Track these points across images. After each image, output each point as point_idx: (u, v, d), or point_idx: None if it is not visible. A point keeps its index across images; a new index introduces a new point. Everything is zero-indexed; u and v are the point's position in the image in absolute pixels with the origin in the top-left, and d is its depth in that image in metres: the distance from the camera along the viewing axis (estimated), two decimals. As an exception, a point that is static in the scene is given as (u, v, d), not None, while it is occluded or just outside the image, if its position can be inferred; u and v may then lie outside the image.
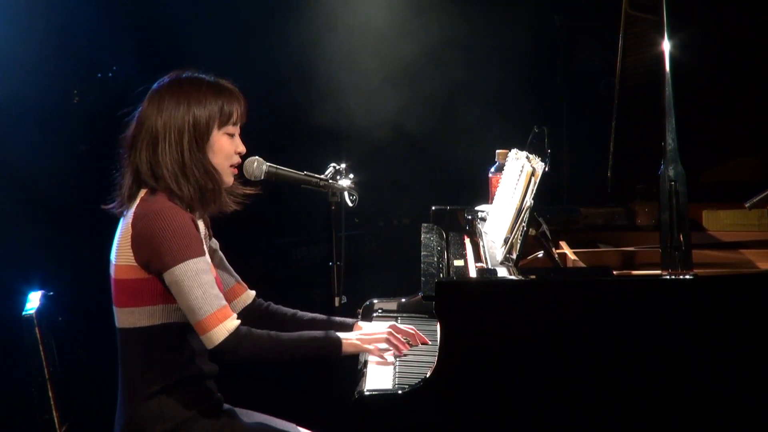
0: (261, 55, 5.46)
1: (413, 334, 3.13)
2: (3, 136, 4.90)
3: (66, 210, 5.01)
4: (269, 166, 3.21)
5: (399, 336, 3.07)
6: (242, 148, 2.96)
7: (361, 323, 3.19)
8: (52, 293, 3.12)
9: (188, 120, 2.83)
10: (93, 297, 2.89)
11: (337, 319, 3.15)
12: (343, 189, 3.29)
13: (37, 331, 2.93)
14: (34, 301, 3.02)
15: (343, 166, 3.32)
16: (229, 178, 2.96)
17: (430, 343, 3.11)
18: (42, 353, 2.93)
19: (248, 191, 3.05)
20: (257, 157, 3.21)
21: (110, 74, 5.25)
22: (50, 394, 2.93)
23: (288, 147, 5.36)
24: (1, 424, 4.63)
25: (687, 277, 2.78)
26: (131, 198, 2.85)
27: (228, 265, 3.14)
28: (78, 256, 4.87)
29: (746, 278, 2.94)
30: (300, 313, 3.17)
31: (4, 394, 4.55)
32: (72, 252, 4.91)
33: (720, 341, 2.72)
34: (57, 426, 2.93)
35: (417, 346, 3.11)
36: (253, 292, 3.18)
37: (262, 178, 3.21)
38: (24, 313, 2.95)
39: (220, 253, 3.12)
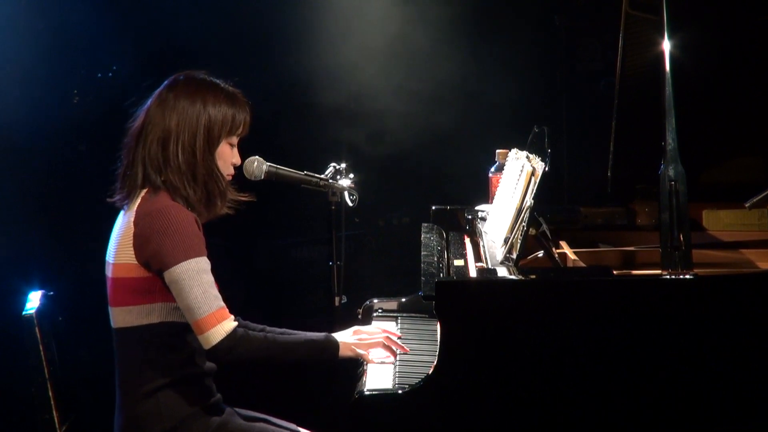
0: (261, 55, 5.45)
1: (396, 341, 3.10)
2: (3, 136, 4.89)
3: (66, 210, 5.01)
4: (269, 165, 3.21)
5: (394, 338, 3.07)
6: (238, 159, 2.96)
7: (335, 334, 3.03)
8: (52, 293, 3.12)
9: (203, 122, 2.83)
10: (93, 297, 2.88)
11: (309, 334, 2.99)
12: (343, 189, 3.30)
13: (37, 331, 2.93)
14: (34, 301, 3.02)
15: (343, 165, 3.32)
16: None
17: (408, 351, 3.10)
18: (42, 353, 2.93)
19: (242, 198, 3.00)
20: (257, 156, 3.21)
21: (110, 74, 5.24)
22: (50, 394, 2.93)
23: (287, 146, 5.35)
24: (1, 424, 4.62)
25: (687, 277, 2.78)
26: (133, 194, 2.84)
27: None
28: (78, 256, 4.87)
29: (746, 278, 2.94)
30: (269, 328, 3.03)
31: (4, 394, 4.55)
32: (72, 252, 4.91)
33: (720, 341, 2.72)
34: (57, 426, 2.94)
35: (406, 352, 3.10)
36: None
37: (262, 177, 3.21)
38: (24, 313, 2.96)
39: None
